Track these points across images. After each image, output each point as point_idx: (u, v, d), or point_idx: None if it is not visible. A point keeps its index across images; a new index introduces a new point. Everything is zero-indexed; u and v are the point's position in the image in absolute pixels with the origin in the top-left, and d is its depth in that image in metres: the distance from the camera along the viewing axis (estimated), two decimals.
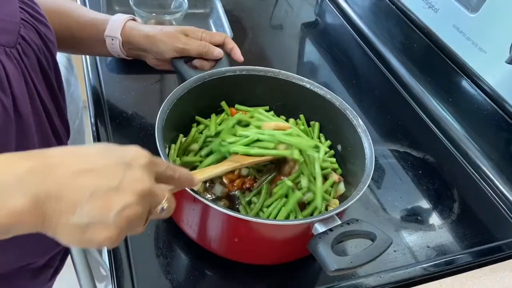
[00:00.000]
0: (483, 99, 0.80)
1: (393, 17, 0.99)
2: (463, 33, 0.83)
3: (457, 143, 0.81)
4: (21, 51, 0.52)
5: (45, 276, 0.73)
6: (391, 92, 0.93)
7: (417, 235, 0.67)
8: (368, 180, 0.56)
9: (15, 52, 0.51)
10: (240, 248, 0.57)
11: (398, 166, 0.78)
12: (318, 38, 1.08)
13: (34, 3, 0.57)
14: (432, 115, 0.86)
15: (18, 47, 0.52)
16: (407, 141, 0.83)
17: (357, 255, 0.49)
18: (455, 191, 0.75)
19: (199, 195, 0.52)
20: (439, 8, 0.88)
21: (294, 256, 0.59)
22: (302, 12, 1.17)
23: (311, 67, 1.01)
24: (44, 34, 0.57)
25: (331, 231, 0.50)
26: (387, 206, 0.71)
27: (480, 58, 0.80)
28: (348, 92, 0.92)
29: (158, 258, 0.59)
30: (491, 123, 0.79)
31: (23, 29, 0.53)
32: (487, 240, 0.68)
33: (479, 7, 0.79)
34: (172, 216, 0.61)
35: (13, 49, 0.51)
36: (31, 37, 0.54)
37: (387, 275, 0.60)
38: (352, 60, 1.03)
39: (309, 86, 0.69)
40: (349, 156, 0.66)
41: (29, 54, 0.53)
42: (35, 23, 0.55)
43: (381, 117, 0.89)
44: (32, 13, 0.55)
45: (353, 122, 0.64)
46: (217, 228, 0.57)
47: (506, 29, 0.75)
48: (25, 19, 0.54)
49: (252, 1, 1.16)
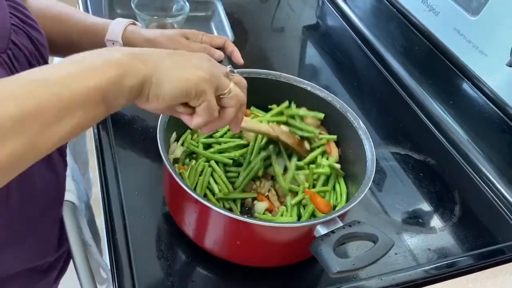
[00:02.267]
0: (484, 102, 0.80)
1: (394, 20, 0.99)
2: (464, 36, 0.83)
3: (458, 146, 0.81)
4: (12, 56, 0.52)
5: (50, 278, 0.73)
6: (392, 94, 0.93)
7: (418, 237, 0.67)
8: (369, 183, 0.57)
9: (5, 57, 0.51)
10: (242, 250, 0.57)
11: (399, 169, 0.78)
12: (319, 41, 1.08)
13: (24, 8, 0.57)
14: (433, 117, 0.86)
15: (9, 52, 0.52)
16: (408, 143, 0.83)
17: (359, 257, 0.49)
18: (456, 193, 0.75)
19: (201, 198, 0.52)
20: (440, 11, 0.88)
21: (296, 258, 0.59)
22: (304, 14, 1.17)
23: (312, 69, 1.01)
24: (36, 39, 0.57)
25: (333, 233, 0.50)
26: (388, 208, 0.71)
27: (481, 61, 0.80)
28: (349, 95, 0.92)
29: (159, 260, 0.59)
30: (492, 125, 0.79)
31: (14, 34, 0.53)
32: (488, 243, 0.67)
33: (480, 10, 0.79)
34: (173, 218, 0.61)
35: (4, 55, 0.51)
36: (23, 42, 0.54)
37: (389, 278, 0.60)
38: (353, 62, 1.03)
39: (310, 88, 0.69)
40: (350, 159, 0.66)
41: (20, 59, 0.53)
42: (26, 28, 0.55)
43: (382, 119, 0.89)
44: (22, 18, 0.55)
45: (354, 124, 0.64)
46: (219, 231, 0.57)
47: (506, 32, 0.75)
48: (16, 24, 0.54)
49: (253, 4, 1.16)
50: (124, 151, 0.71)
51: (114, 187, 0.65)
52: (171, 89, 0.45)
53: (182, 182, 0.52)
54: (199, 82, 0.47)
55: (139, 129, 0.75)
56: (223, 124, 0.53)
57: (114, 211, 0.62)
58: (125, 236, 0.60)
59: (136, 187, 0.66)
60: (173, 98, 0.46)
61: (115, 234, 0.60)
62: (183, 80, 0.46)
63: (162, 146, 0.56)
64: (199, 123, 0.50)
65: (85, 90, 0.39)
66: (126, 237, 0.60)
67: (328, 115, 0.68)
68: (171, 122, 0.61)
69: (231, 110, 0.52)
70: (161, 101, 0.46)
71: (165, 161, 0.54)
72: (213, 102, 0.49)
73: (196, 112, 0.49)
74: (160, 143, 0.56)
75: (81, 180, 0.82)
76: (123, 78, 0.41)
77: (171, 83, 0.45)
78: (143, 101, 0.45)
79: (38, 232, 0.65)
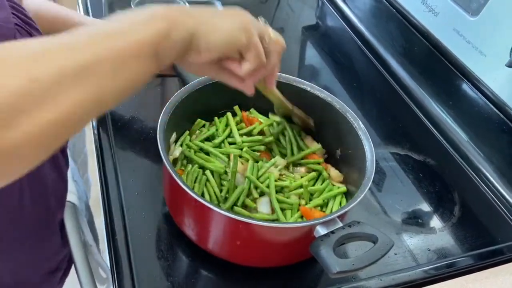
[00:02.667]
0: (483, 102, 0.80)
1: (394, 21, 0.99)
2: (463, 36, 0.83)
3: (458, 146, 0.81)
4: None
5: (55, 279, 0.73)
6: (392, 95, 0.93)
7: (418, 238, 0.67)
8: (369, 183, 0.57)
9: None
10: (242, 250, 0.57)
11: (399, 169, 0.78)
12: (319, 41, 1.08)
13: (23, 8, 0.57)
14: (433, 118, 0.86)
15: None
16: (407, 144, 0.83)
17: (359, 258, 0.49)
18: (456, 194, 0.75)
19: (201, 198, 0.52)
20: (439, 12, 0.88)
21: (296, 259, 0.59)
22: (303, 15, 1.17)
23: (312, 70, 1.01)
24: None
25: (333, 233, 0.50)
26: (388, 209, 0.71)
27: (481, 62, 0.80)
28: (349, 95, 0.92)
29: (159, 260, 0.59)
30: (492, 126, 0.80)
31: (18, 34, 0.53)
32: (488, 243, 0.68)
33: (479, 11, 0.80)
34: (173, 218, 0.61)
35: None
36: None
37: (388, 278, 0.60)
38: (353, 63, 1.03)
39: (310, 89, 0.69)
40: (350, 159, 0.66)
41: None
42: (28, 28, 0.56)
43: (381, 120, 0.89)
44: (24, 19, 0.56)
45: (354, 125, 0.65)
46: (218, 231, 0.57)
47: (506, 33, 0.75)
48: (19, 24, 0.54)
49: (253, 4, 1.16)
50: (124, 152, 0.71)
51: (114, 187, 0.65)
52: (221, 36, 0.46)
53: (182, 183, 0.52)
54: (245, 25, 0.48)
55: (139, 129, 0.75)
56: (268, 72, 0.54)
57: (114, 212, 0.62)
58: (125, 236, 0.60)
59: (136, 187, 0.66)
60: (225, 45, 0.47)
61: (115, 235, 0.60)
62: (230, 26, 0.47)
63: (162, 147, 0.56)
64: (249, 69, 0.50)
65: (138, 44, 0.39)
66: (126, 237, 0.60)
67: (327, 116, 0.68)
68: (171, 123, 0.61)
69: (275, 55, 0.53)
70: (213, 50, 0.46)
71: (165, 162, 0.54)
72: (260, 46, 0.50)
73: (245, 58, 0.50)
74: (160, 143, 0.56)
75: (80, 181, 0.82)
76: (172, 31, 0.42)
77: (221, 30, 0.46)
78: (194, 54, 0.46)
79: (46, 232, 0.65)
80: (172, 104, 0.62)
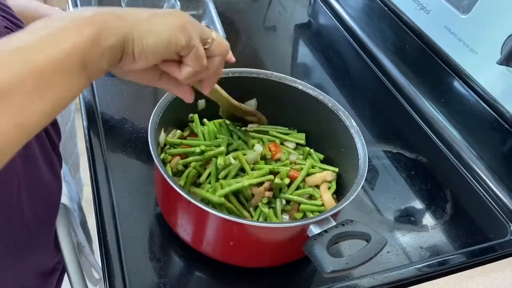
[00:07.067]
0: (475, 100, 0.81)
1: (385, 18, 1.00)
2: (455, 34, 0.83)
3: (450, 144, 0.81)
4: None
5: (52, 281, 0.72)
6: (384, 93, 0.93)
7: (411, 236, 0.67)
8: (361, 181, 0.57)
9: None
10: (235, 251, 0.57)
11: (391, 167, 0.78)
12: (311, 40, 1.08)
13: (12, 10, 0.56)
14: (425, 115, 0.86)
15: None
16: (400, 142, 0.83)
17: (352, 256, 0.49)
18: (448, 191, 0.76)
19: (194, 199, 0.51)
20: (431, 10, 0.88)
21: (290, 258, 0.59)
22: (295, 13, 1.17)
23: (304, 68, 1.01)
24: None
25: (326, 232, 0.50)
26: (381, 207, 0.71)
27: (472, 59, 0.80)
28: (341, 93, 0.92)
29: (151, 261, 0.59)
30: (483, 123, 0.80)
31: None
32: (480, 241, 0.68)
33: (471, 8, 0.80)
34: (166, 219, 0.61)
35: None
36: None
37: (381, 276, 0.60)
38: (345, 61, 1.03)
39: (302, 87, 0.69)
40: (342, 157, 0.66)
41: None
42: (18, 30, 0.55)
43: (374, 118, 0.89)
44: (13, 20, 0.55)
45: (346, 123, 0.64)
46: (211, 231, 0.57)
47: (497, 30, 0.76)
48: (8, 26, 0.53)
49: (245, 3, 1.16)
50: (115, 152, 0.71)
51: (105, 188, 0.65)
52: (158, 39, 0.42)
53: (174, 183, 0.52)
54: (185, 26, 0.44)
55: (130, 129, 0.75)
56: (209, 75, 0.51)
57: (105, 213, 0.62)
58: (116, 237, 0.59)
59: (128, 188, 0.66)
60: (162, 49, 0.43)
61: (106, 236, 0.59)
62: (167, 27, 0.42)
63: (153, 147, 0.55)
64: (189, 73, 0.47)
65: (61, 54, 0.35)
66: (118, 238, 0.59)
67: (319, 114, 0.68)
68: (162, 122, 0.60)
69: (217, 59, 0.49)
70: (149, 56, 0.42)
71: (156, 162, 0.54)
72: (201, 48, 0.46)
73: (184, 61, 0.46)
74: (151, 144, 0.55)
75: (72, 182, 0.81)
76: (100, 37, 0.37)
77: (157, 32, 0.42)
78: (128, 61, 0.41)
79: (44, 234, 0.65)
80: (163, 104, 0.61)
